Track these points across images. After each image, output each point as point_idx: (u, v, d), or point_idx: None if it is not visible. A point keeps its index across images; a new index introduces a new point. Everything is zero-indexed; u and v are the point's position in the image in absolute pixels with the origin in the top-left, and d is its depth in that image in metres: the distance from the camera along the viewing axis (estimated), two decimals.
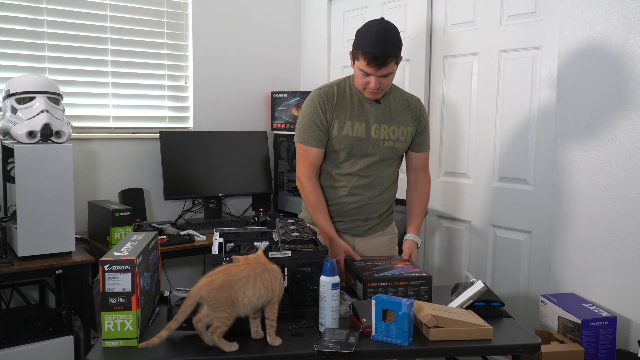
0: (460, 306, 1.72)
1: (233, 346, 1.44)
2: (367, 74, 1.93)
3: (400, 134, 2.08)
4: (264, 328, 1.51)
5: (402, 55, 1.98)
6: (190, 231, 2.78)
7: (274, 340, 1.48)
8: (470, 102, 2.68)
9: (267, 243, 1.93)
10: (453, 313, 1.60)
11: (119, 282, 1.45)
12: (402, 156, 2.20)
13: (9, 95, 2.37)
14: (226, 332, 1.42)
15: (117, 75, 3.05)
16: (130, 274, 1.45)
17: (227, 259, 1.67)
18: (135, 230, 2.67)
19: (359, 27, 2.00)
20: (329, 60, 3.46)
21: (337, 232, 2.10)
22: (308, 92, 3.41)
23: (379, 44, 1.87)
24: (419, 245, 2.12)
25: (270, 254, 1.65)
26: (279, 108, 3.47)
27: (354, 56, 1.97)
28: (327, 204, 2.09)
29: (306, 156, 2.06)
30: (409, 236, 2.12)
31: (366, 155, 2.06)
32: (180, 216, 3.23)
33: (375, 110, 2.06)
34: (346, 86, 2.08)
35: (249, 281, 1.44)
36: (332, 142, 2.05)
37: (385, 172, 2.11)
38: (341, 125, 2.03)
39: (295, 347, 1.49)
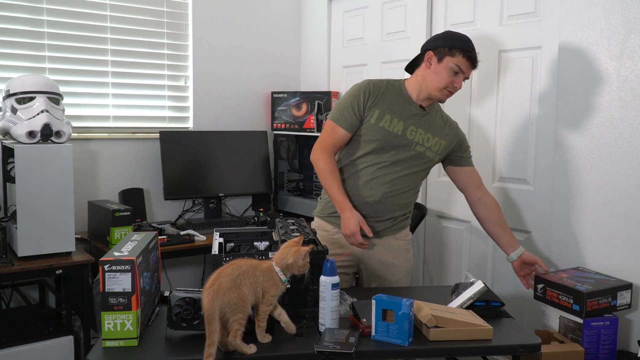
0: (460, 306, 1.72)
1: (253, 348, 1.44)
2: (458, 73, 2.00)
3: (433, 144, 2.09)
4: (270, 330, 1.53)
5: None
6: (190, 231, 2.78)
7: (264, 338, 1.50)
8: (470, 102, 2.68)
9: (267, 243, 1.93)
10: (453, 313, 1.60)
11: (119, 282, 1.45)
12: (428, 171, 2.18)
13: (9, 95, 2.37)
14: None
15: (117, 75, 3.05)
16: (130, 274, 1.45)
17: (227, 259, 1.67)
18: (135, 230, 2.67)
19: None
20: (329, 60, 3.46)
21: None
22: (308, 92, 3.42)
23: (471, 45, 2.01)
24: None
25: (270, 254, 1.65)
26: (279, 108, 3.47)
27: (446, 54, 1.99)
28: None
29: (332, 133, 2.08)
30: (517, 253, 2.10)
31: (395, 151, 2.06)
32: (180, 216, 3.23)
33: (417, 115, 2.08)
34: (397, 85, 2.11)
35: (241, 280, 1.43)
36: (366, 131, 2.06)
37: (407, 178, 2.09)
38: (380, 116, 2.04)
39: (295, 347, 1.49)
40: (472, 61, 2.01)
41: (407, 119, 2.06)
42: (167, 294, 1.74)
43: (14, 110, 2.34)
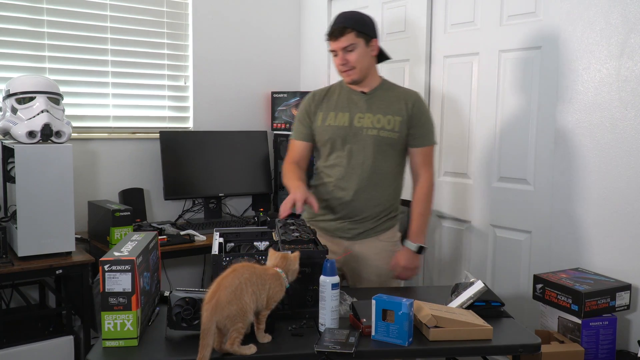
0: (460, 306, 1.72)
1: (253, 348, 1.44)
2: (334, 54, 2.07)
3: (386, 123, 2.07)
4: (269, 329, 1.53)
5: (377, 39, 2.11)
6: (190, 231, 2.78)
7: (264, 338, 1.50)
8: (470, 102, 2.68)
9: (267, 243, 1.93)
10: (453, 313, 1.60)
11: (119, 282, 1.45)
12: (401, 152, 2.14)
13: (9, 95, 2.37)
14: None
15: (117, 75, 3.05)
16: (130, 274, 1.45)
17: (227, 259, 1.67)
18: (135, 230, 2.67)
19: None
20: (329, 60, 3.46)
21: (327, 232, 2.12)
22: (308, 92, 3.41)
23: (336, 19, 2.07)
24: (417, 251, 2.09)
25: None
26: (279, 108, 3.47)
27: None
28: (318, 200, 2.03)
29: (291, 148, 2.21)
30: (404, 242, 2.13)
31: (349, 143, 2.08)
32: (180, 216, 3.23)
33: (360, 101, 2.11)
34: (337, 85, 2.19)
35: (242, 289, 1.42)
36: (319, 136, 2.12)
37: (375, 167, 2.07)
38: (325, 116, 2.12)
39: (295, 347, 1.49)
40: (331, 35, 2.04)
41: (352, 109, 2.10)
42: (167, 294, 1.74)
43: (14, 110, 2.34)
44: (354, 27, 2.01)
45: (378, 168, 2.08)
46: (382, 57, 2.18)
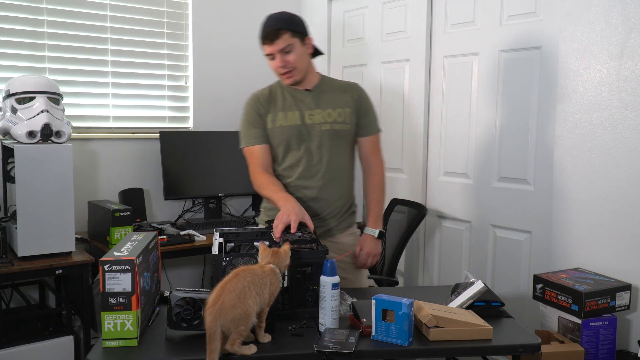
0: (460, 306, 1.72)
1: (253, 348, 1.44)
2: (271, 58, 2.03)
3: (337, 116, 2.06)
4: (269, 329, 1.53)
5: (310, 36, 2.08)
6: (190, 231, 2.78)
7: (264, 338, 1.50)
8: (470, 102, 2.68)
9: (267, 243, 1.93)
10: (453, 313, 1.60)
11: (119, 282, 1.45)
12: (351, 144, 2.13)
13: (9, 95, 2.37)
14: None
15: (117, 75, 3.05)
16: (130, 274, 1.45)
17: (227, 259, 1.67)
18: (135, 230, 2.67)
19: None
20: (329, 60, 3.46)
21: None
22: None
23: (267, 22, 2.03)
24: (378, 236, 2.08)
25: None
26: None
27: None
28: None
29: (251, 156, 2.09)
30: (365, 230, 2.10)
31: (304, 142, 2.04)
32: (180, 216, 3.23)
33: (307, 99, 2.08)
34: (277, 86, 2.14)
35: (246, 292, 1.42)
36: (272, 138, 2.06)
37: (333, 162, 2.05)
38: (274, 117, 2.06)
39: (295, 347, 1.49)
40: (266, 38, 1.99)
41: (300, 107, 2.06)
42: (167, 294, 1.74)
43: (14, 110, 2.34)
44: (288, 27, 1.99)
45: (336, 162, 2.07)
46: (316, 53, 2.16)
